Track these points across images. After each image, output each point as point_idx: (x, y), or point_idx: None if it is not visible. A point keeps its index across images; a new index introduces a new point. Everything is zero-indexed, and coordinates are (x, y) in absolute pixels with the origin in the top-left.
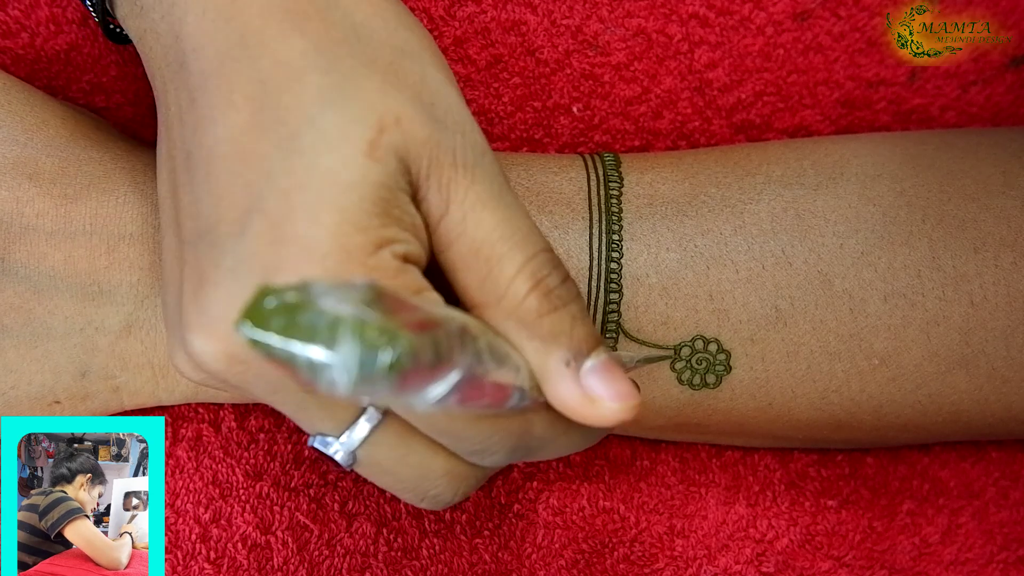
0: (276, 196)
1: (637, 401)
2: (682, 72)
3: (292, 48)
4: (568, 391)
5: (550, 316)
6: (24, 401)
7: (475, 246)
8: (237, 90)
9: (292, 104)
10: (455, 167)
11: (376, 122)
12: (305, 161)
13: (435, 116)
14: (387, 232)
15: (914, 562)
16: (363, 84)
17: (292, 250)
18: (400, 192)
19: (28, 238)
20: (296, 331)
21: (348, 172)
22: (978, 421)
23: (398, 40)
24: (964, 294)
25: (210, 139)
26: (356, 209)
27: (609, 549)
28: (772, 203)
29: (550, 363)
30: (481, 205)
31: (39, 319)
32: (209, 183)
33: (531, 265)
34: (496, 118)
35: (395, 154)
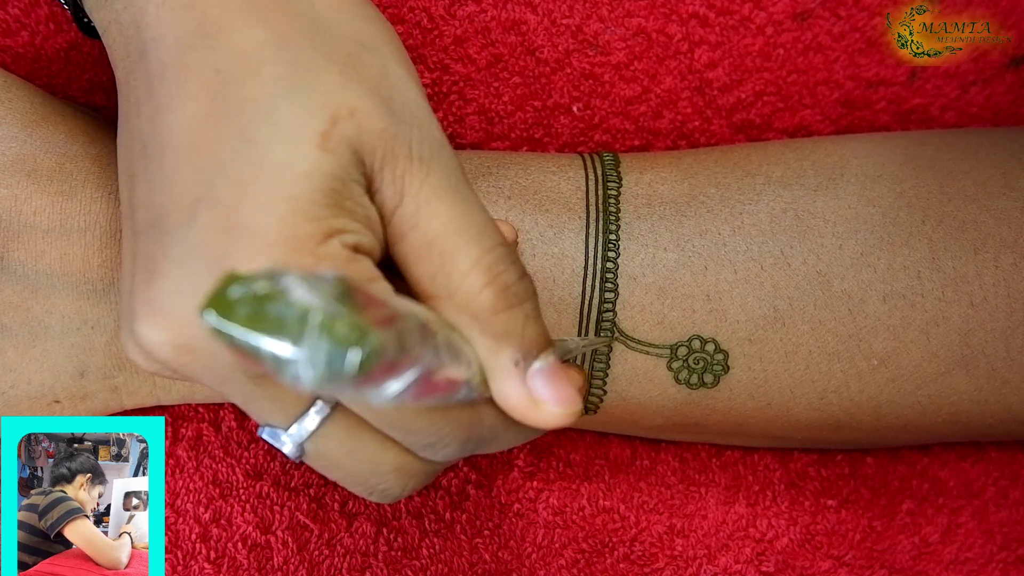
0: (227, 185)
1: (578, 408)
2: (682, 72)
3: (252, 38)
4: (513, 391)
5: (504, 313)
6: (24, 400)
7: (428, 239)
8: (194, 79)
9: (248, 95)
10: (410, 159)
11: (330, 114)
12: (257, 151)
13: (392, 109)
14: (337, 222)
15: (914, 561)
16: (320, 76)
17: (241, 239)
18: (353, 183)
19: (26, 236)
20: (262, 323)
21: (299, 162)
22: (978, 422)
23: (359, 33)
24: (964, 295)
25: (166, 128)
26: (306, 199)
27: (609, 548)
28: (771, 204)
29: (499, 361)
30: (436, 198)
31: (37, 318)
32: (163, 172)
33: (487, 259)
34: (496, 117)
35: (348, 146)
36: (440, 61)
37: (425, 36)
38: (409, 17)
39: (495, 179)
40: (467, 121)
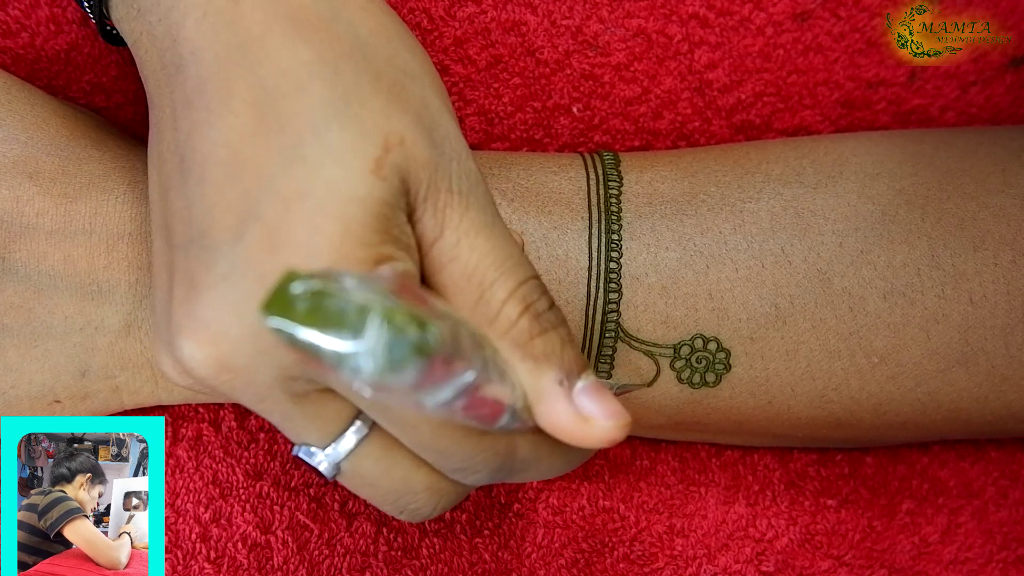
0: (275, 203)
1: (628, 421)
2: (682, 72)
3: (296, 57)
4: (562, 410)
5: (541, 338)
6: (24, 400)
7: (468, 271)
8: (237, 95)
9: (295, 113)
10: (451, 192)
11: (383, 140)
12: (307, 171)
13: (434, 140)
14: (386, 249)
15: (914, 561)
16: (368, 101)
17: (290, 257)
18: (400, 212)
19: (28, 237)
20: (322, 319)
21: (354, 186)
22: (977, 419)
23: (401, 61)
24: (963, 292)
25: (206, 143)
26: (359, 223)
27: (609, 548)
28: (771, 202)
29: (543, 383)
30: (475, 231)
31: (39, 318)
32: (203, 188)
33: (522, 290)
34: (496, 118)
35: (398, 174)
36: (440, 62)
37: (425, 37)
38: (409, 18)
39: (497, 180)
40: (467, 122)
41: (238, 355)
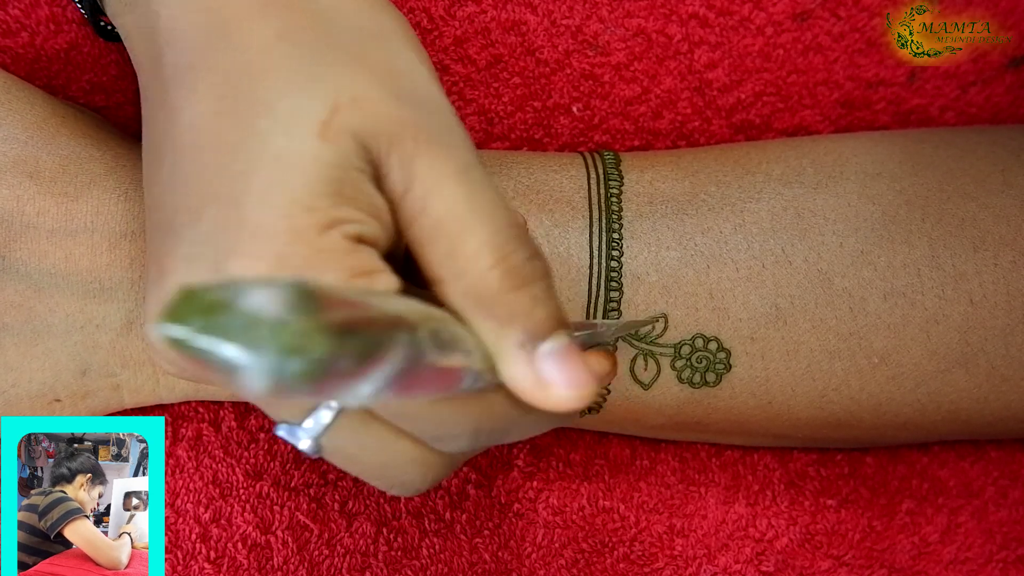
0: (229, 180)
1: (591, 390)
2: (682, 72)
3: (257, 35)
4: (520, 374)
5: (510, 295)
6: (24, 399)
7: (437, 221)
8: (202, 79)
9: (250, 90)
10: (417, 142)
11: (331, 103)
12: (258, 144)
13: (399, 95)
14: (338, 212)
15: (913, 561)
16: (324, 67)
17: (243, 234)
18: (356, 172)
19: (29, 236)
20: (215, 330)
21: (298, 153)
22: (977, 420)
23: (366, 22)
24: (963, 293)
25: (176, 130)
26: (305, 190)
27: (609, 548)
28: (772, 202)
29: (504, 344)
30: (445, 179)
31: (40, 317)
32: (173, 173)
33: (496, 239)
34: (496, 118)
35: (351, 134)
36: (440, 62)
37: (425, 37)
38: (409, 18)
39: (498, 179)
40: (467, 121)
41: None
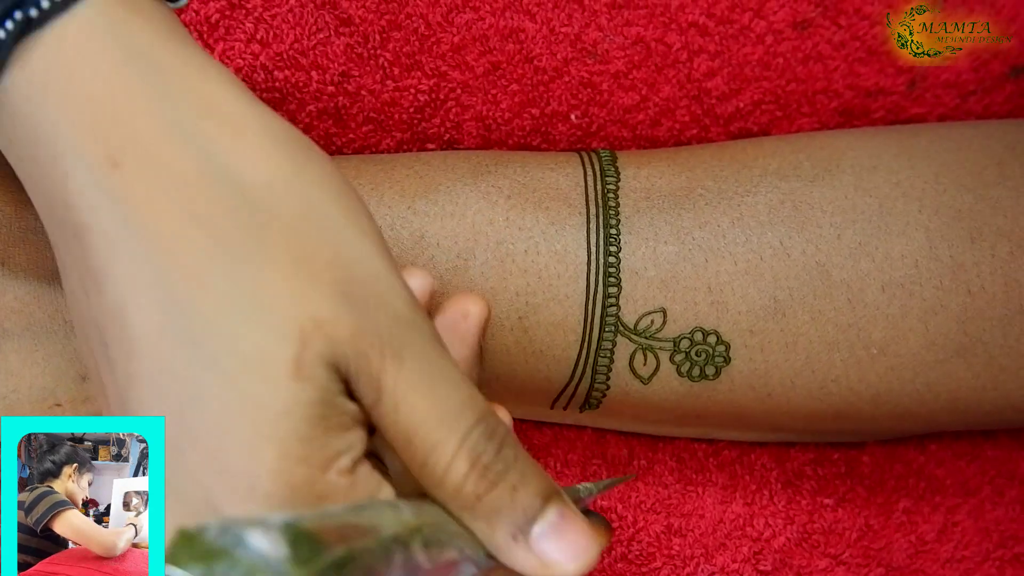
0: (208, 425)
1: (594, 555)
2: (680, 81)
3: (191, 247)
4: (523, 561)
5: (489, 495)
6: (25, 404)
7: (409, 434)
8: (142, 293)
9: (203, 319)
10: (383, 356)
11: (297, 335)
12: (232, 388)
13: (354, 298)
14: (329, 451)
15: (911, 559)
16: (274, 286)
17: (235, 485)
18: (336, 396)
19: (29, 241)
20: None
21: (278, 400)
22: (976, 410)
23: (303, 204)
24: (961, 283)
25: (126, 340)
26: (293, 438)
27: (607, 548)
28: (769, 195)
29: (498, 539)
30: (412, 389)
31: (40, 322)
32: (131, 391)
33: (467, 444)
34: (494, 124)
35: (322, 363)
36: (437, 68)
37: (423, 43)
38: (406, 24)
39: (494, 178)
40: (464, 127)
41: None
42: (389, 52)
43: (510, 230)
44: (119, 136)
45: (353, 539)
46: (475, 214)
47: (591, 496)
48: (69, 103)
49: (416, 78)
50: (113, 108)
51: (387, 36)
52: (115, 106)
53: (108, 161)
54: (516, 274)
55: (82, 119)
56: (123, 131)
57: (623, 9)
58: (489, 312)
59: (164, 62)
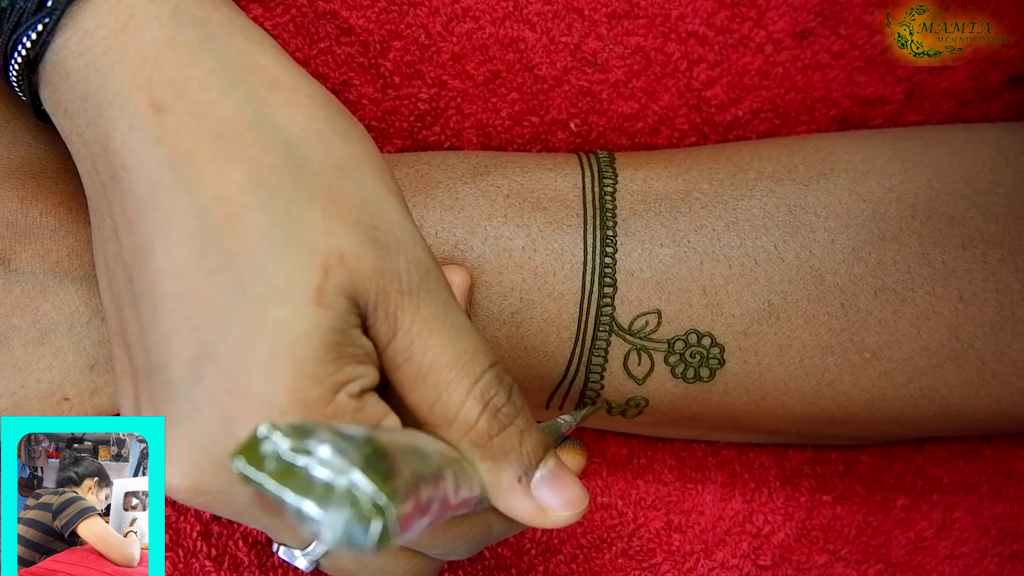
0: (229, 346)
1: (585, 505)
2: (680, 90)
3: (229, 181)
4: (521, 505)
5: (499, 436)
6: (33, 400)
7: (423, 371)
8: (176, 224)
9: (234, 248)
10: (401, 293)
11: (321, 264)
12: (255, 311)
13: (378, 240)
14: (341, 375)
15: (909, 556)
16: (304, 220)
17: (251, 404)
18: (352, 328)
19: (34, 236)
20: (290, 481)
21: (299, 323)
22: (969, 415)
23: (334, 155)
24: (953, 289)
25: (152, 270)
26: (310, 360)
27: (607, 544)
28: (764, 199)
29: (502, 480)
30: (428, 330)
31: (47, 315)
32: (156, 318)
33: (479, 386)
34: (494, 132)
35: (343, 294)
36: (438, 77)
37: (423, 52)
38: (407, 33)
39: (493, 178)
40: (464, 135)
41: (212, 482)
42: (390, 61)
43: (508, 226)
44: (163, 83)
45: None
46: (473, 209)
47: (570, 427)
48: (117, 56)
49: (416, 87)
50: (158, 59)
51: (388, 45)
52: (160, 57)
53: (152, 106)
54: (512, 269)
55: (129, 69)
56: (167, 79)
57: (623, 19)
58: (472, 280)
59: (208, 20)
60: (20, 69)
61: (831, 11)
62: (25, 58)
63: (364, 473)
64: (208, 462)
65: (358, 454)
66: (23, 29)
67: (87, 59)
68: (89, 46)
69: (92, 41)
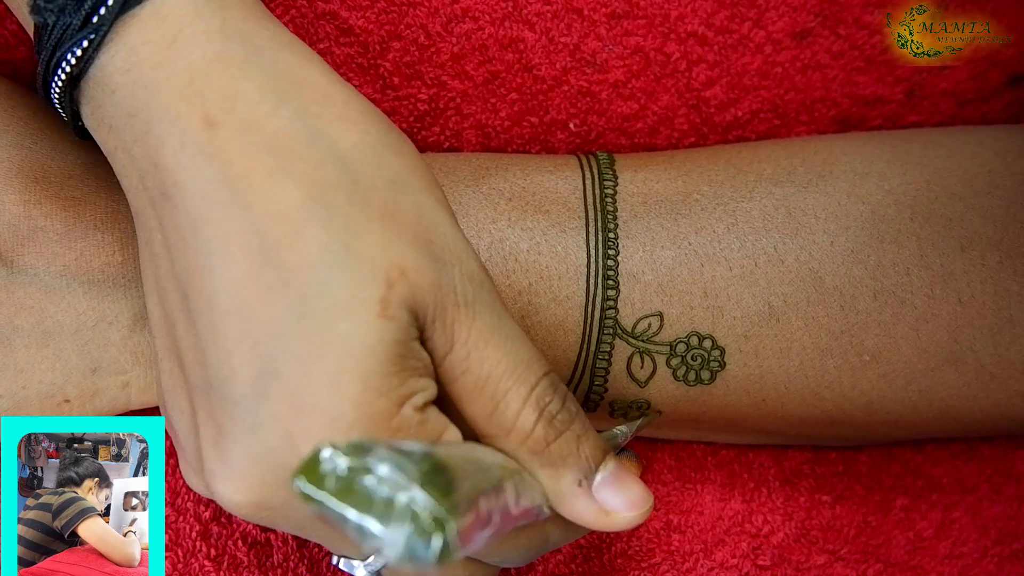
0: (293, 362)
1: (650, 505)
2: (679, 90)
3: (286, 197)
4: (584, 509)
5: (557, 442)
6: (34, 401)
7: (480, 382)
8: (233, 241)
9: (295, 263)
10: (457, 307)
11: (384, 278)
12: (319, 326)
13: (434, 253)
14: (405, 388)
15: (909, 556)
16: (364, 234)
17: (316, 420)
18: (413, 341)
19: (38, 239)
20: (351, 498)
21: (364, 337)
22: (967, 418)
23: (388, 170)
24: (952, 292)
25: (209, 288)
26: (376, 373)
27: (607, 544)
28: (763, 201)
29: (562, 486)
30: (484, 341)
31: (51, 317)
32: (215, 336)
33: (535, 394)
34: (493, 132)
35: (405, 307)
36: (437, 77)
37: (422, 53)
38: (407, 34)
39: (495, 181)
40: (464, 136)
41: (274, 498)
42: (389, 62)
43: (513, 229)
44: (214, 98)
45: (472, 475)
46: (477, 212)
47: (626, 438)
48: (166, 71)
49: (416, 87)
50: (208, 74)
51: (387, 46)
52: (210, 72)
53: (204, 122)
54: (519, 272)
55: (178, 84)
56: (218, 94)
57: (622, 19)
58: None
59: (255, 35)
60: (63, 85)
61: (830, 11)
62: (69, 74)
63: (423, 488)
64: (272, 477)
65: (417, 470)
66: (68, 45)
67: (134, 75)
68: (136, 62)
69: (139, 57)
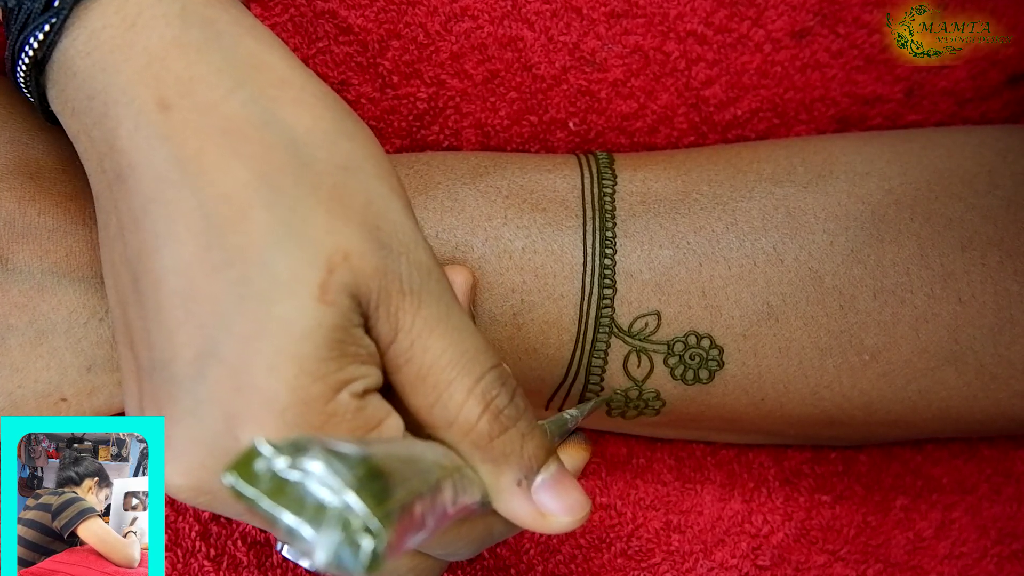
0: (233, 343)
1: (587, 512)
2: (679, 89)
3: (234, 179)
4: (521, 509)
5: (500, 438)
6: (31, 400)
7: (423, 372)
8: (180, 221)
9: (239, 244)
10: (402, 294)
11: (325, 262)
12: (259, 308)
13: (381, 240)
14: (343, 374)
15: (909, 556)
16: (309, 218)
17: (253, 400)
18: (355, 327)
19: (31, 236)
20: (283, 499)
21: (302, 320)
22: (967, 418)
23: (340, 155)
24: (952, 291)
25: (157, 268)
26: (312, 358)
27: (606, 544)
28: (763, 201)
29: (502, 483)
30: (428, 330)
31: (44, 315)
32: (160, 316)
33: (480, 387)
34: (492, 131)
35: (346, 292)
36: (436, 76)
37: (422, 52)
38: (406, 32)
39: (493, 179)
40: (463, 134)
41: (213, 481)
42: (388, 60)
43: (508, 227)
44: (170, 81)
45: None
46: (473, 210)
47: (576, 421)
48: (124, 54)
49: (415, 86)
50: (165, 57)
51: (386, 45)
52: (167, 55)
53: (159, 104)
54: (513, 270)
55: (136, 67)
56: (174, 77)
57: (621, 18)
58: (475, 280)
59: (216, 19)
60: (28, 69)
61: (830, 10)
62: (32, 58)
63: (358, 494)
64: (211, 460)
65: (352, 474)
66: (30, 30)
67: (94, 58)
68: (96, 45)
69: (99, 40)
